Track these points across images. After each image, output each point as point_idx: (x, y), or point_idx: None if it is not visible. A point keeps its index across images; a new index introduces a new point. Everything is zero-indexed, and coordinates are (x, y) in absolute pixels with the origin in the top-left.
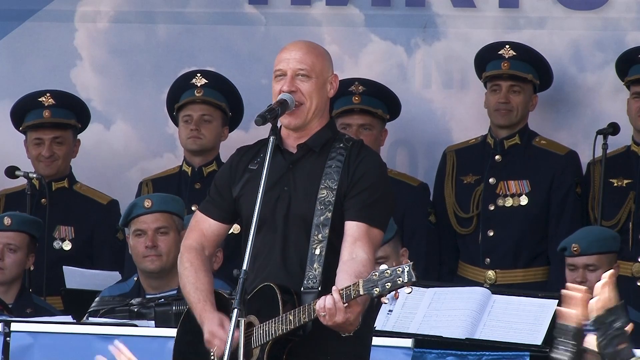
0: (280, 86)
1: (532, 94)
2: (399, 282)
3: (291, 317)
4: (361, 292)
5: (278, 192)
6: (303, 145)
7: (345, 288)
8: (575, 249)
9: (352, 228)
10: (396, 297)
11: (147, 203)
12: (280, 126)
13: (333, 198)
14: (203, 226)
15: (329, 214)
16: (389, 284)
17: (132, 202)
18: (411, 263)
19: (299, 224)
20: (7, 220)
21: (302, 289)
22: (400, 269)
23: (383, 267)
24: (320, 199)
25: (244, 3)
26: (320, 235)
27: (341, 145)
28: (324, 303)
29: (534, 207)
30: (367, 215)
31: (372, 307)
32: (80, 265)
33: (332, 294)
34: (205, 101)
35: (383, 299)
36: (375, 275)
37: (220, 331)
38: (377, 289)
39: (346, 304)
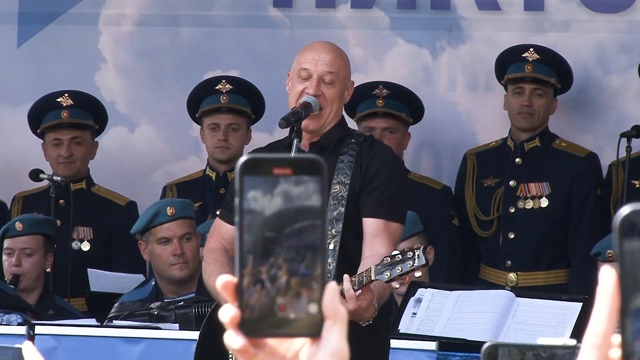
0: (304, 87)
1: (553, 98)
2: (409, 265)
3: None
4: (372, 277)
5: None
6: (315, 144)
7: (358, 275)
8: (610, 254)
9: (371, 225)
10: (406, 282)
11: (170, 210)
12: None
13: (346, 193)
14: (222, 230)
15: (342, 209)
16: (399, 267)
17: (152, 210)
18: (422, 247)
19: None
20: (18, 225)
21: None
22: (410, 253)
23: (395, 252)
24: (333, 194)
25: (269, 6)
26: (334, 230)
27: (352, 140)
28: None
29: (555, 209)
30: (384, 211)
31: (389, 307)
32: (98, 266)
33: (342, 282)
34: (231, 109)
35: (394, 284)
36: (387, 260)
37: None
38: (388, 272)
39: (359, 291)
